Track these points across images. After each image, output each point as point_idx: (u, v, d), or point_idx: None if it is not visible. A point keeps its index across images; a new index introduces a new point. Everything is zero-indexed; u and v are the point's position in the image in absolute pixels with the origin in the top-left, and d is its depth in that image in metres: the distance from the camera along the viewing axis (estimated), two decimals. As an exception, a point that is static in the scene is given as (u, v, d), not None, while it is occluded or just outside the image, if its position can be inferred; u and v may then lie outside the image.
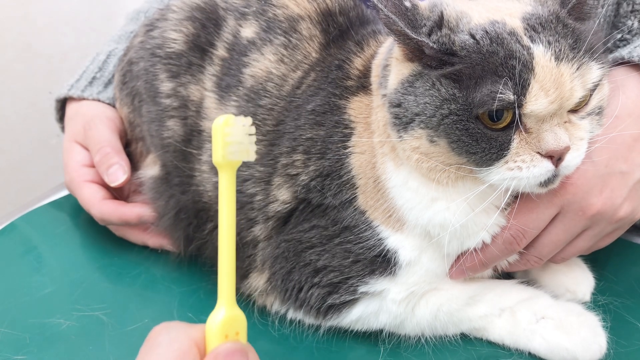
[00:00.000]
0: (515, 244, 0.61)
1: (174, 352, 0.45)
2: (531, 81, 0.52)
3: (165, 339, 0.45)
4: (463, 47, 0.54)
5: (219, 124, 0.46)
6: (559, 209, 0.61)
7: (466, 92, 0.53)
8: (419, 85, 0.56)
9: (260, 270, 0.70)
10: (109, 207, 0.81)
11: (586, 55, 0.54)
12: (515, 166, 0.55)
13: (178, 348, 0.45)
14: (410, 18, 0.54)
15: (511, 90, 0.52)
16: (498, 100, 0.52)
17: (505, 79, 0.52)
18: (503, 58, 0.52)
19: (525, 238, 0.61)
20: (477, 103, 0.53)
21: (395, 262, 0.63)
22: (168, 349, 0.45)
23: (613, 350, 0.62)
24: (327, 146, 0.64)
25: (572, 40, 0.54)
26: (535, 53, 0.53)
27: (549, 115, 0.54)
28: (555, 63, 0.53)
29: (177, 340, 0.45)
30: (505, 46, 0.53)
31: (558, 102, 0.53)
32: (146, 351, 0.46)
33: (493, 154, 0.55)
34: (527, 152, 0.55)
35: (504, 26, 0.54)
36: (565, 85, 0.53)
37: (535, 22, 0.55)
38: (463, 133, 0.54)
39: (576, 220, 0.61)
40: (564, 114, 0.55)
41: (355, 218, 0.63)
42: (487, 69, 0.53)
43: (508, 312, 0.65)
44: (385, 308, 0.65)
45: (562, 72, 0.53)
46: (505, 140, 0.54)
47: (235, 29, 0.73)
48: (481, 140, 0.54)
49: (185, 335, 0.46)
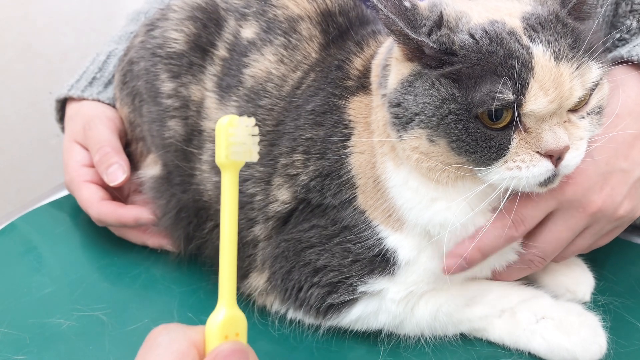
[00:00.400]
0: (514, 228, 0.60)
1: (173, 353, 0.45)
2: (530, 81, 0.52)
3: (164, 339, 0.45)
4: (462, 47, 0.54)
5: (223, 124, 0.46)
6: (558, 203, 0.60)
7: (465, 92, 0.53)
8: (418, 85, 0.56)
9: (260, 270, 0.70)
10: (107, 208, 0.81)
11: (586, 54, 0.54)
12: (514, 166, 0.55)
13: (177, 349, 0.45)
14: (410, 18, 0.54)
15: (510, 90, 0.52)
16: (497, 99, 0.52)
17: (504, 78, 0.52)
18: (502, 58, 0.52)
19: (524, 225, 0.60)
20: (476, 103, 0.53)
21: (394, 261, 0.63)
22: (167, 349, 0.45)
23: (613, 351, 0.62)
24: (327, 146, 0.64)
25: (571, 40, 0.54)
26: (535, 52, 0.53)
27: (548, 115, 0.54)
28: (554, 62, 0.53)
29: (176, 341, 0.45)
30: (505, 46, 0.53)
31: (557, 102, 0.53)
32: (145, 352, 0.46)
33: (492, 153, 0.54)
34: (526, 152, 0.54)
35: (503, 26, 0.54)
36: (565, 84, 0.53)
37: (535, 22, 0.55)
38: (462, 133, 0.54)
39: (577, 217, 0.61)
40: (563, 113, 0.55)
41: (354, 218, 0.63)
42: (486, 69, 0.53)
43: (508, 313, 0.65)
44: (384, 308, 0.65)
45: (561, 72, 0.53)
46: (505, 139, 0.54)
47: (235, 29, 0.73)
48: (480, 140, 0.54)
49: (185, 337, 0.46)
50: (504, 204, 0.58)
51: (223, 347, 0.46)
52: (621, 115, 0.60)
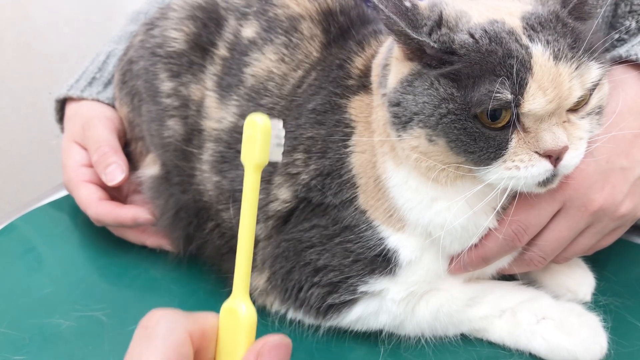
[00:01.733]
0: (517, 239, 0.61)
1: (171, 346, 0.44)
2: (529, 80, 0.52)
3: (162, 330, 0.44)
4: (462, 46, 0.54)
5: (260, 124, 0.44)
6: (561, 204, 0.60)
7: (464, 92, 0.53)
8: (417, 84, 0.56)
9: (260, 270, 0.69)
10: (105, 209, 0.80)
11: (585, 54, 0.54)
12: (513, 165, 0.55)
13: (175, 341, 0.44)
14: (411, 18, 0.54)
15: (509, 90, 0.52)
16: (495, 99, 0.51)
17: (502, 78, 0.52)
18: (501, 57, 0.52)
19: (527, 234, 0.61)
20: (474, 102, 0.53)
21: (395, 261, 0.63)
22: (165, 341, 0.43)
23: (614, 351, 0.62)
24: (328, 145, 0.64)
25: (571, 40, 0.54)
26: (534, 52, 0.52)
27: (547, 115, 0.53)
28: (553, 62, 0.52)
29: (175, 332, 0.44)
30: (504, 45, 0.53)
31: (556, 102, 0.53)
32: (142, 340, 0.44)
33: (491, 153, 0.54)
34: (525, 152, 0.54)
35: (502, 25, 0.54)
36: (564, 84, 0.53)
37: (535, 22, 0.55)
38: (461, 132, 0.54)
39: (579, 216, 0.61)
40: (562, 113, 0.55)
41: (355, 217, 0.63)
42: (485, 68, 0.52)
43: (509, 313, 0.65)
44: (384, 308, 0.65)
45: (560, 72, 0.53)
46: (503, 139, 0.54)
47: (236, 28, 0.73)
48: (479, 140, 0.54)
49: (183, 328, 0.45)
50: (502, 204, 0.57)
51: (270, 339, 0.45)
52: (621, 114, 0.60)
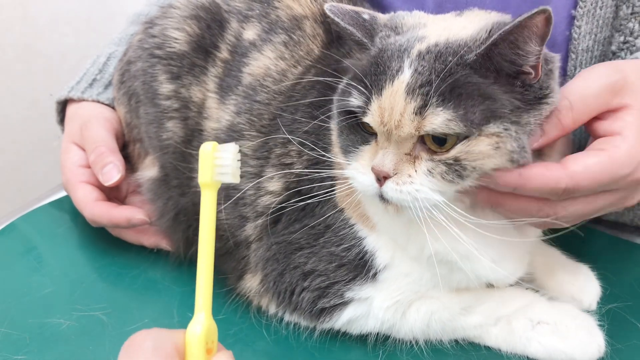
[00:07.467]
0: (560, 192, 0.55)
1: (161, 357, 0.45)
2: (375, 99, 0.54)
3: (149, 345, 0.47)
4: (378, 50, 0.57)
5: (207, 150, 0.50)
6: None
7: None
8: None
9: (253, 272, 0.70)
10: (100, 209, 0.80)
11: (439, 100, 0.52)
12: (355, 166, 0.58)
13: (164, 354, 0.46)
14: (368, 28, 0.58)
15: (361, 100, 0.55)
16: (350, 102, 0.56)
17: (363, 87, 0.55)
18: (380, 70, 0.55)
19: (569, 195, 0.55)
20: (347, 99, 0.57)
21: (373, 264, 0.63)
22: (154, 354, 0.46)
23: (613, 351, 0.62)
24: (320, 138, 0.65)
25: (439, 80, 0.52)
26: (399, 77, 0.54)
27: (386, 136, 0.55)
28: (403, 92, 0.53)
29: (162, 346, 0.47)
30: (387, 62, 0.55)
31: (388, 126, 0.54)
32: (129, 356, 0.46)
33: (349, 146, 0.58)
34: (367, 161, 0.57)
35: (413, 44, 0.55)
36: (395, 115, 0.54)
37: (433, 51, 0.54)
38: (344, 126, 0.58)
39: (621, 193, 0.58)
40: (407, 144, 0.55)
41: (334, 216, 0.64)
42: (365, 74, 0.56)
43: (504, 321, 0.65)
44: (372, 314, 0.65)
45: (398, 102, 0.53)
46: (363, 140, 0.57)
47: (238, 31, 0.73)
48: (350, 133, 0.58)
49: (170, 341, 0.47)
50: None
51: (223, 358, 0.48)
52: None
